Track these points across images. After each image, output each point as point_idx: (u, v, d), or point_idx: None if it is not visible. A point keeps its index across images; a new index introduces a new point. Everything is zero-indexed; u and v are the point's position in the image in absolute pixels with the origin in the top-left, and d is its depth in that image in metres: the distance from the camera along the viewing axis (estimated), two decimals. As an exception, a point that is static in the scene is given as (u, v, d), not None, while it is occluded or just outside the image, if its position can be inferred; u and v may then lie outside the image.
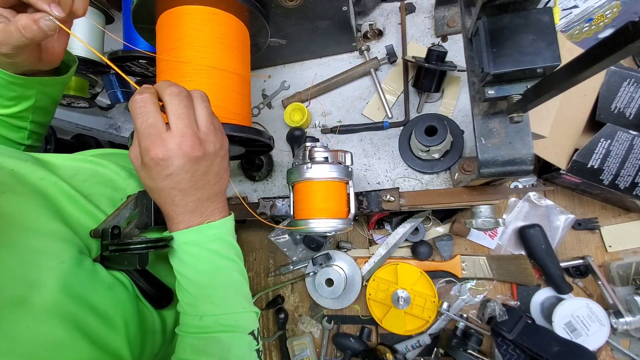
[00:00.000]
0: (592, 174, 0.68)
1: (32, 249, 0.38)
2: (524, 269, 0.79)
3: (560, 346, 0.71)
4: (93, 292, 0.40)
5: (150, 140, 0.36)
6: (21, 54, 0.43)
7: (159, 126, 0.36)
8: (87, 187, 0.50)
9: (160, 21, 0.51)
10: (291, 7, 0.56)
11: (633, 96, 0.68)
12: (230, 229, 0.45)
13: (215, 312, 0.43)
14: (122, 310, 0.43)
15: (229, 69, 0.50)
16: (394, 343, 0.85)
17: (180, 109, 0.37)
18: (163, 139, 0.36)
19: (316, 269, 0.86)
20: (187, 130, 0.37)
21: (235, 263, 0.45)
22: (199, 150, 0.38)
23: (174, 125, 0.37)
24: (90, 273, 0.41)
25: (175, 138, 0.37)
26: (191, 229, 0.42)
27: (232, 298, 0.44)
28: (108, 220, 0.46)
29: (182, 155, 0.37)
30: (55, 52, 0.48)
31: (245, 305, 0.45)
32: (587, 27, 0.74)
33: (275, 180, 0.76)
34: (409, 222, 0.84)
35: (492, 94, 0.42)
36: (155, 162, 0.37)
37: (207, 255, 0.43)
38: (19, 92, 0.49)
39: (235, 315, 0.44)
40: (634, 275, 0.73)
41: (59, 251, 0.40)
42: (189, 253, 0.42)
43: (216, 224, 0.43)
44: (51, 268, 0.38)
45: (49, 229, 0.41)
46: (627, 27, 0.21)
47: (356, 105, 0.73)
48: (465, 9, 0.47)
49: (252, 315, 0.46)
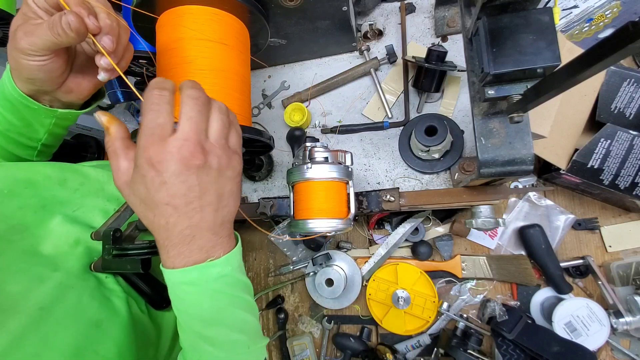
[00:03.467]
0: (592, 174, 0.68)
1: (9, 294, 0.36)
2: (524, 269, 0.79)
3: (560, 346, 0.71)
4: (72, 336, 0.37)
5: (151, 139, 0.33)
6: (48, 62, 0.39)
7: (166, 128, 0.33)
8: (78, 198, 0.48)
9: (160, 21, 0.51)
10: (291, 7, 0.56)
11: (633, 96, 0.68)
12: (237, 262, 0.39)
13: (214, 354, 0.39)
14: (113, 346, 0.40)
15: (229, 69, 0.50)
16: (394, 343, 0.85)
17: (192, 112, 0.34)
18: (164, 140, 0.33)
19: (316, 269, 0.86)
20: (191, 134, 0.33)
21: (241, 299, 0.40)
22: (199, 159, 0.33)
23: (180, 127, 0.34)
24: (73, 316, 0.38)
25: (176, 141, 0.33)
26: (190, 268, 0.35)
27: (235, 339, 0.40)
28: (109, 223, 0.46)
29: (179, 159, 0.33)
30: (83, 84, 0.45)
31: (250, 344, 0.41)
32: (587, 27, 0.74)
33: (275, 180, 0.76)
34: (409, 222, 0.84)
35: (492, 94, 0.42)
36: (150, 164, 0.33)
37: (208, 295, 0.37)
38: (32, 118, 0.46)
39: (237, 357, 0.40)
40: (634, 275, 0.73)
41: (38, 295, 0.37)
42: (186, 292, 0.37)
43: (220, 262, 0.37)
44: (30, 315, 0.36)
45: (26, 270, 0.38)
46: (627, 27, 0.21)
47: (356, 105, 0.73)
48: (465, 9, 0.47)
49: (257, 351, 0.42)
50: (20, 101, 0.43)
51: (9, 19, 0.62)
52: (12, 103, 0.43)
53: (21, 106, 0.44)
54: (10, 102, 0.43)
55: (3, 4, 0.61)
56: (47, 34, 0.36)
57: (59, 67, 0.41)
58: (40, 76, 0.40)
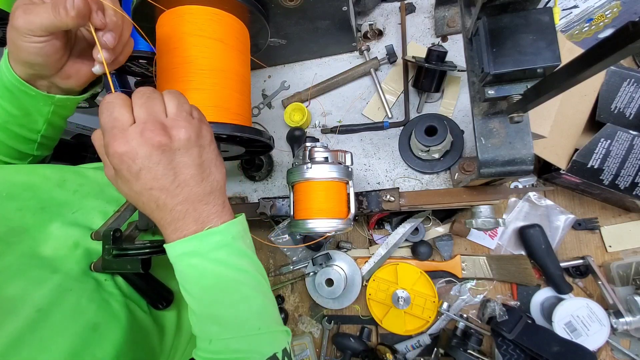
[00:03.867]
0: (592, 174, 0.68)
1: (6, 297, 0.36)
2: (524, 269, 0.79)
3: (560, 346, 0.71)
4: (68, 340, 0.37)
5: (111, 134, 0.32)
6: (46, 45, 0.38)
7: (123, 119, 0.33)
8: (77, 200, 0.48)
9: (160, 21, 0.51)
10: (291, 7, 0.56)
11: (633, 96, 0.68)
12: (239, 233, 0.39)
13: (223, 335, 0.38)
14: (111, 349, 0.40)
15: (229, 69, 0.50)
16: (394, 343, 0.85)
17: (141, 100, 0.34)
18: (126, 131, 0.33)
19: (316, 269, 0.86)
20: (148, 116, 0.33)
21: (248, 274, 0.39)
22: (164, 136, 0.33)
23: (135, 115, 0.34)
24: (71, 319, 0.38)
25: (136, 127, 0.33)
26: (190, 237, 0.36)
27: (243, 318, 0.38)
28: (109, 223, 0.46)
29: (145, 142, 0.32)
30: (82, 70, 0.44)
31: (261, 325, 0.39)
32: (587, 27, 0.74)
33: (275, 180, 0.76)
34: (409, 222, 0.84)
35: (492, 94, 0.42)
36: (120, 158, 0.32)
37: (211, 268, 0.37)
38: (31, 106, 0.45)
39: (247, 339, 0.38)
40: (634, 275, 0.73)
41: (36, 297, 0.37)
42: (190, 265, 0.37)
43: (219, 229, 0.37)
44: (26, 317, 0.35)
45: (25, 272, 0.38)
46: (627, 27, 0.21)
47: (356, 105, 0.73)
48: (465, 9, 0.47)
49: (271, 336, 0.40)
50: (18, 87, 0.42)
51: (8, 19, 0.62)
52: (10, 90, 0.43)
53: (19, 92, 0.43)
54: (8, 89, 0.43)
55: (3, 4, 0.61)
56: (47, 13, 0.36)
57: (57, 50, 0.40)
58: (38, 60, 0.40)
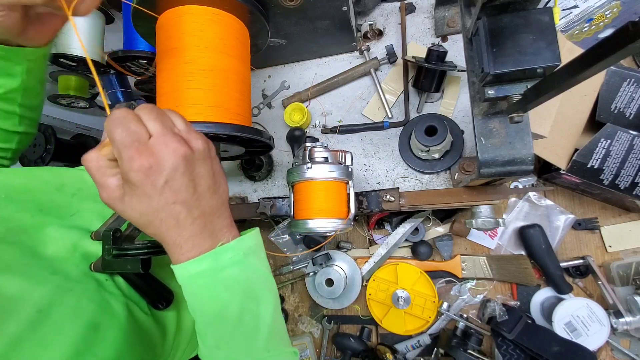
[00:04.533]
0: (592, 174, 0.68)
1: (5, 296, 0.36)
2: (524, 269, 0.79)
3: (560, 346, 0.71)
4: (68, 338, 0.37)
5: (132, 148, 0.31)
6: (7, 14, 0.38)
7: (142, 133, 0.32)
8: (75, 203, 0.48)
9: (160, 21, 0.51)
10: (291, 7, 0.56)
11: (633, 96, 0.68)
12: (250, 249, 0.38)
13: (231, 357, 0.37)
14: (112, 349, 0.40)
15: (229, 69, 0.50)
16: (394, 343, 0.85)
17: (152, 114, 0.34)
18: (147, 144, 0.32)
19: (316, 269, 0.86)
20: (165, 129, 0.33)
21: (259, 293, 0.39)
22: (185, 146, 0.34)
23: (152, 129, 0.33)
24: (71, 319, 0.38)
25: (159, 139, 0.32)
26: (204, 256, 0.35)
27: (253, 339, 0.38)
28: (109, 223, 0.46)
29: (172, 153, 0.32)
30: (43, 31, 0.44)
31: (271, 347, 0.38)
32: (587, 27, 0.74)
33: (275, 180, 0.76)
34: (409, 222, 0.84)
35: (492, 94, 0.42)
36: (145, 172, 0.32)
37: (222, 288, 0.36)
38: (3, 67, 0.45)
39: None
40: (634, 275, 0.73)
41: (36, 297, 0.37)
42: (201, 287, 0.36)
43: (231, 245, 0.36)
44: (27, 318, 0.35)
45: (25, 273, 0.38)
46: (627, 27, 0.21)
47: (356, 105, 0.73)
48: (465, 9, 0.47)
49: (279, 358, 0.39)
50: None
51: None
52: None
53: None
54: None
55: (3, 4, 0.61)
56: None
57: (16, 20, 0.40)
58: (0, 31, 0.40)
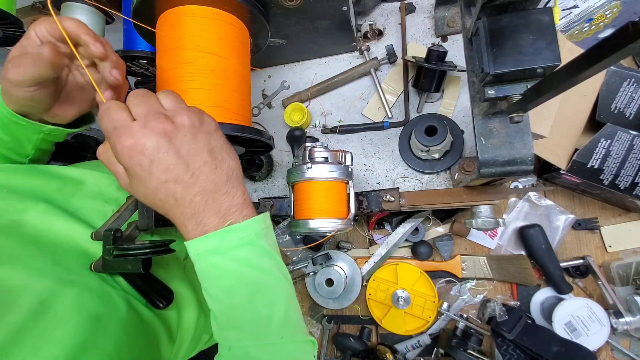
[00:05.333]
0: (592, 174, 0.68)
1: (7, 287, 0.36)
2: (524, 269, 0.79)
3: (560, 346, 0.71)
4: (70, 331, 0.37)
5: (115, 133, 0.33)
6: (35, 93, 0.41)
7: (122, 118, 0.34)
8: (76, 202, 0.49)
9: (160, 21, 0.51)
10: (291, 7, 0.56)
11: (633, 96, 0.68)
12: (262, 231, 0.37)
13: (243, 341, 0.36)
14: (113, 340, 0.40)
15: (229, 69, 0.50)
16: (394, 343, 0.85)
17: (137, 97, 0.35)
18: (130, 127, 0.33)
19: (316, 269, 0.86)
20: (147, 110, 0.34)
21: (272, 276, 0.37)
22: (168, 123, 0.33)
23: (134, 112, 0.34)
24: (73, 310, 0.38)
25: (139, 121, 0.33)
26: (211, 234, 0.35)
27: (265, 324, 0.36)
28: (109, 223, 0.46)
29: (149, 132, 0.33)
30: (68, 111, 0.46)
31: (284, 334, 0.37)
32: (587, 27, 0.74)
33: (275, 180, 0.76)
34: (409, 222, 0.84)
35: (492, 94, 0.42)
36: (129, 153, 0.33)
37: (233, 267, 0.35)
38: (21, 133, 0.46)
39: (269, 347, 0.36)
40: (634, 275, 0.73)
41: (38, 288, 0.37)
42: (211, 264, 0.36)
43: (242, 226, 0.36)
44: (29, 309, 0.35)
45: (27, 264, 0.39)
46: (627, 27, 0.21)
47: (356, 105, 0.73)
48: (465, 9, 0.47)
49: (295, 345, 0.37)
50: (10, 118, 0.44)
51: (8, 19, 0.62)
52: (1, 119, 0.45)
53: (10, 122, 0.45)
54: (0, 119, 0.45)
55: (3, 4, 0.61)
56: (33, 66, 0.38)
57: (45, 97, 0.42)
58: (28, 103, 0.42)
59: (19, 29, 0.65)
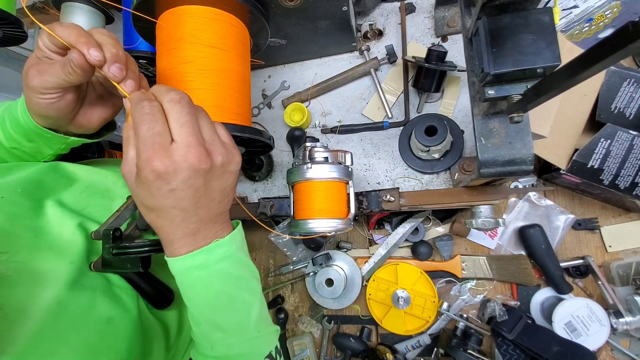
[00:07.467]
0: (592, 174, 0.68)
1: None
2: (524, 269, 0.79)
3: (560, 346, 0.71)
4: (82, 333, 0.38)
5: (153, 150, 0.32)
6: (58, 100, 0.40)
7: (165, 136, 0.33)
8: (83, 200, 0.49)
9: (160, 21, 0.51)
10: (291, 7, 0.56)
11: (633, 96, 0.68)
12: (239, 243, 0.41)
13: (227, 340, 0.40)
14: (124, 341, 0.41)
15: (229, 69, 0.50)
16: (394, 343, 0.85)
17: (183, 117, 0.33)
18: (168, 149, 0.32)
19: (316, 269, 0.86)
20: (192, 139, 0.33)
21: (247, 282, 0.41)
22: (206, 162, 0.34)
23: (177, 134, 0.33)
24: (86, 313, 0.39)
25: (180, 149, 0.33)
26: (199, 251, 0.37)
27: (245, 323, 0.41)
28: (109, 222, 0.46)
29: (188, 167, 0.33)
30: (93, 119, 0.46)
31: (260, 328, 0.42)
32: (587, 27, 0.74)
33: (275, 180, 0.76)
34: (409, 222, 0.84)
35: (492, 94, 0.42)
36: (157, 175, 0.32)
37: (216, 278, 0.38)
38: (44, 142, 0.47)
39: (249, 342, 0.41)
40: (634, 275, 0.73)
41: (52, 292, 0.38)
42: (195, 277, 0.38)
43: (225, 241, 0.38)
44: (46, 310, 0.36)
45: (40, 269, 0.39)
46: (627, 27, 0.21)
47: (356, 105, 0.73)
48: (465, 9, 0.47)
49: (268, 337, 0.43)
50: (34, 130, 0.44)
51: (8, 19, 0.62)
52: (25, 130, 0.44)
53: (33, 134, 0.45)
54: (23, 128, 0.44)
55: (3, 4, 0.61)
56: (59, 73, 0.37)
57: (69, 104, 0.42)
58: (51, 113, 0.41)
59: (19, 29, 0.65)
